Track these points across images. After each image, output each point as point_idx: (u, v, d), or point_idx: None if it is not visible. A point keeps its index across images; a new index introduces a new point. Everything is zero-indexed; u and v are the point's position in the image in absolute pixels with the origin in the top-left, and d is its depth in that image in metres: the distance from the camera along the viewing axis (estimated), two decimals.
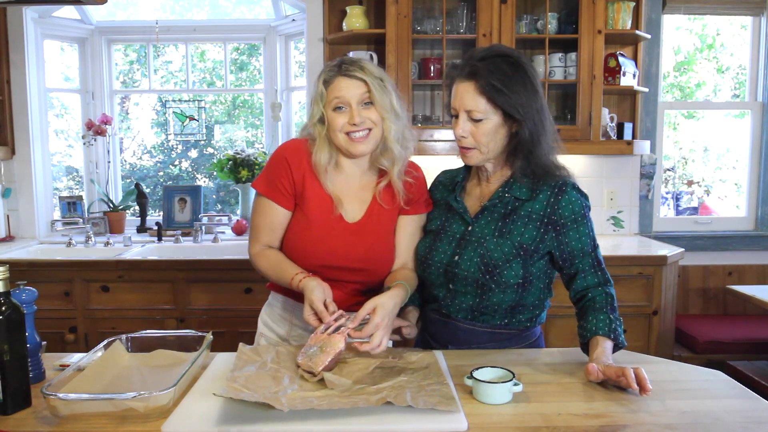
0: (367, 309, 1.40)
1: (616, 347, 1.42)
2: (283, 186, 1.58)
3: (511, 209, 1.52)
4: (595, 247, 1.54)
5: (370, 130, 1.53)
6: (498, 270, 1.48)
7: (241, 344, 1.46)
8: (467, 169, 1.64)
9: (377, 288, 1.63)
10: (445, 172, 1.73)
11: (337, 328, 1.38)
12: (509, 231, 1.50)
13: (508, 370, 1.27)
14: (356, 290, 1.64)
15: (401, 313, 1.66)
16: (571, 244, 1.50)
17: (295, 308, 1.66)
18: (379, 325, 1.38)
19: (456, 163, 1.66)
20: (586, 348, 1.44)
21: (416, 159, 2.57)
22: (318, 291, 1.44)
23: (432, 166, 1.80)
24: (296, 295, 1.61)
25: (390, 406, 1.17)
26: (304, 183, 1.59)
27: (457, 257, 1.53)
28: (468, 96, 1.46)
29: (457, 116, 1.50)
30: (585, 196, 1.54)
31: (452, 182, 1.66)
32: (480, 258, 1.49)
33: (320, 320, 1.42)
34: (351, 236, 1.59)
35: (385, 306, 1.41)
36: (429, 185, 1.74)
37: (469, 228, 1.55)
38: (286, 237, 1.63)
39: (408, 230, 1.66)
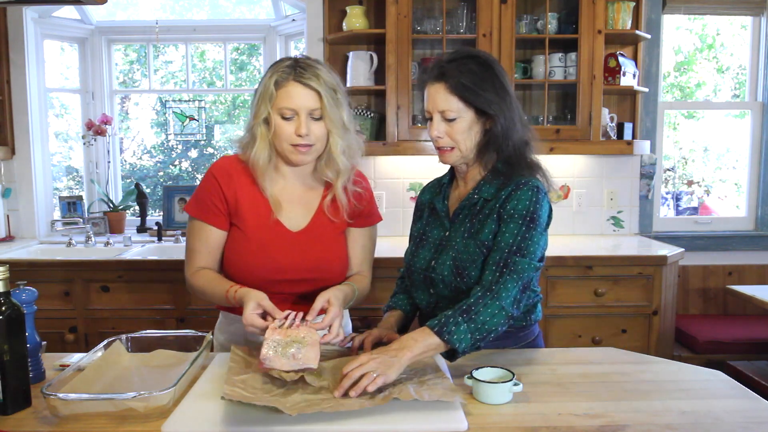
0: (321, 301, 1.40)
1: (453, 353, 1.36)
2: (215, 205, 1.55)
3: (478, 209, 1.52)
4: (516, 252, 1.41)
5: (313, 144, 1.51)
6: (466, 271, 1.48)
7: (233, 346, 1.45)
8: (451, 173, 1.66)
9: None
10: (435, 179, 1.75)
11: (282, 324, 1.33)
12: (476, 231, 1.50)
13: (508, 370, 1.27)
14: (309, 302, 1.55)
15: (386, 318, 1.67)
16: (498, 235, 1.45)
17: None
18: (336, 314, 1.38)
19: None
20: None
21: (416, 159, 2.58)
22: (260, 293, 1.40)
23: (431, 166, 1.80)
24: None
25: (390, 405, 1.16)
26: (236, 199, 1.56)
27: (433, 262, 1.55)
28: (440, 97, 1.48)
29: (431, 119, 1.52)
30: (540, 201, 1.45)
31: (439, 185, 1.68)
32: (452, 261, 1.50)
33: (264, 320, 1.35)
34: (294, 246, 1.56)
35: (338, 297, 1.43)
36: (418, 193, 1.76)
37: (446, 233, 1.57)
38: (226, 258, 1.58)
39: (360, 242, 1.65)
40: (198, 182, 1.81)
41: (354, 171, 1.62)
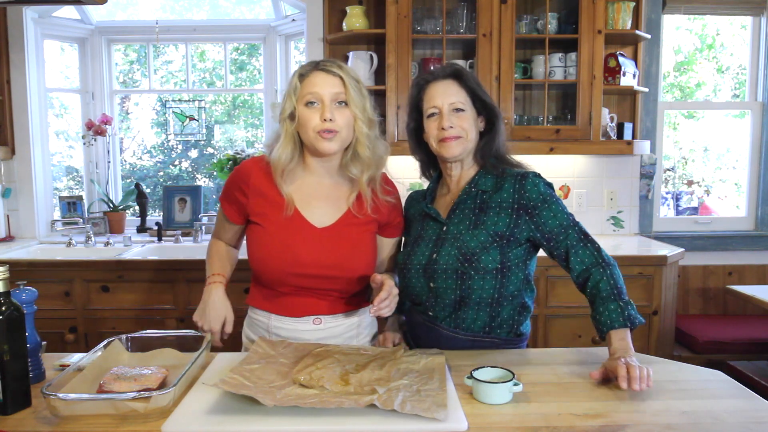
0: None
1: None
2: (235, 198, 1.62)
3: (480, 202, 1.57)
4: (576, 222, 1.56)
5: (339, 131, 1.51)
6: (476, 257, 1.51)
7: (259, 338, 1.51)
8: (435, 181, 1.72)
9: (358, 295, 1.63)
10: (415, 191, 1.80)
11: None
12: (483, 222, 1.54)
13: (508, 370, 1.27)
14: (335, 298, 1.61)
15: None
16: (549, 223, 1.53)
17: (280, 322, 1.62)
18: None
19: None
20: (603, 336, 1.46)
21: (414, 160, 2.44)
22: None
23: None
24: (276, 309, 1.62)
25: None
26: (257, 196, 1.58)
27: (435, 255, 1.56)
28: (452, 90, 1.59)
29: (432, 115, 1.59)
30: (548, 184, 1.59)
31: (422, 193, 1.74)
32: (458, 250, 1.52)
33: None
34: (318, 242, 1.56)
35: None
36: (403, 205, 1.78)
37: (444, 228, 1.59)
38: (250, 252, 1.62)
39: (387, 250, 1.72)
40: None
41: (381, 175, 1.63)
